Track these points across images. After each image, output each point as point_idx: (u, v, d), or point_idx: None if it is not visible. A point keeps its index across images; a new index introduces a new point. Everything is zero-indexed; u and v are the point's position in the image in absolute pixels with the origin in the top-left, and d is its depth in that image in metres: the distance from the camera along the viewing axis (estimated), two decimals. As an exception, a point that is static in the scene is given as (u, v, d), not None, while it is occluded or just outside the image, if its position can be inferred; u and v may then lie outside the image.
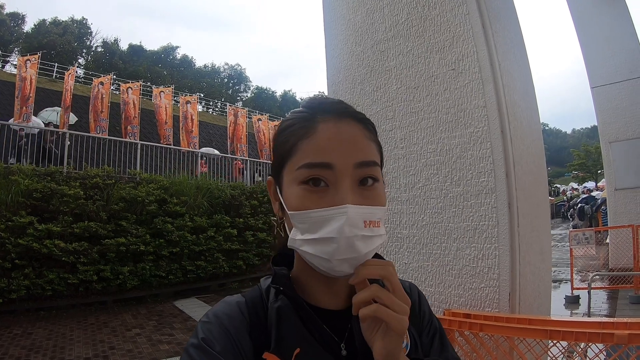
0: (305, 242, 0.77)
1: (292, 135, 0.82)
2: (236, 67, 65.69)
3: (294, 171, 0.79)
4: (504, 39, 2.29)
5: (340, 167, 0.76)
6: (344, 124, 0.80)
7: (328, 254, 0.74)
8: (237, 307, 0.83)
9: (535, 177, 2.33)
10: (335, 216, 0.74)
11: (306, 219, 0.76)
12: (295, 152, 0.80)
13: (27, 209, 9.27)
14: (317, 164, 0.77)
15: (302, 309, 0.81)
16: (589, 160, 43.86)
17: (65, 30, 44.75)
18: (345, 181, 0.76)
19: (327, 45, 2.93)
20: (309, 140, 0.79)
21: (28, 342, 7.23)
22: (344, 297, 0.88)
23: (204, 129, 21.57)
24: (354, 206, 0.74)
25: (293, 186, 0.79)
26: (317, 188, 0.77)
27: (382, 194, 0.82)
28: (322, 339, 0.80)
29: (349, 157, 0.77)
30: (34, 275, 9.05)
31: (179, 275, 11.21)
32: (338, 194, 0.75)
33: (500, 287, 2.02)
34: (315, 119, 0.81)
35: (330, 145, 0.78)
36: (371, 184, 0.79)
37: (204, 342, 0.75)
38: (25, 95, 13.16)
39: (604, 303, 7.47)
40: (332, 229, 0.73)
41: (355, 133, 0.81)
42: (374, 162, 0.81)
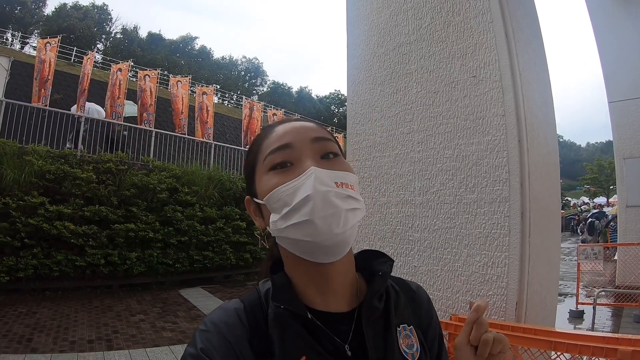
0: (284, 217, 0.77)
1: (256, 142, 0.91)
2: (254, 60, 65.91)
3: (262, 165, 0.85)
4: (525, 48, 2.29)
5: (298, 143, 0.83)
6: (299, 122, 0.90)
7: (308, 214, 0.74)
8: (236, 314, 0.82)
9: (549, 189, 2.33)
10: (304, 181, 0.77)
11: (279, 195, 0.79)
12: (259, 152, 0.88)
13: (40, 189, 9.34)
14: (278, 147, 0.83)
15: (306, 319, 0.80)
16: (601, 175, 43.52)
17: (86, 15, 45.12)
18: (307, 156, 0.82)
19: (349, 45, 2.94)
20: (270, 137, 0.87)
21: (32, 321, 7.28)
22: (344, 298, 0.86)
23: (219, 120, 21.61)
24: (319, 168, 0.79)
25: (264, 178, 0.84)
26: (284, 169, 0.82)
27: (348, 165, 0.87)
28: (327, 344, 0.79)
29: (304, 135, 0.85)
30: (42, 255, 9.12)
31: (186, 264, 11.25)
32: (302, 165, 0.81)
33: (508, 295, 2.03)
34: (274, 124, 0.91)
35: (286, 131, 0.86)
36: (333, 158, 0.85)
37: (202, 353, 0.74)
38: (44, 77, 13.26)
39: (608, 320, 7.43)
40: (304, 190, 0.76)
41: (308, 123, 0.91)
42: (329, 138, 0.87)
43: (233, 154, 15.59)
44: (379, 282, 0.88)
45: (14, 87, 15.54)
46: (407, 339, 0.87)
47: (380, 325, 0.85)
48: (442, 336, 1.00)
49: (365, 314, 0.83)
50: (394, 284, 0.97)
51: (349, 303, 0.86)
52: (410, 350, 0.85)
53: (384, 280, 0.89)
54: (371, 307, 0.85)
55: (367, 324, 0.83)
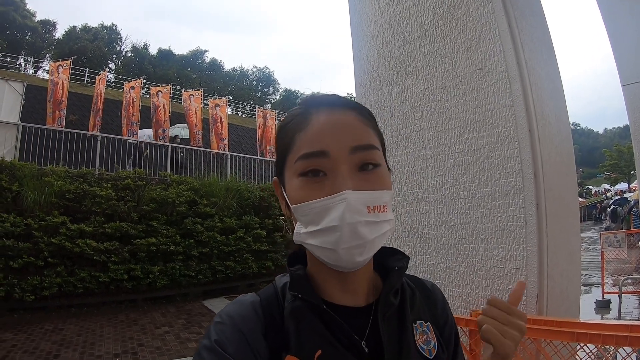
0: (309, 234, 0.77)
1: (289, 130, 0.83)
2: (264, 69, 66.02)
3: (293, 165, 0.80)
4: (530, 37, 2.27)
5: (336, 153, 0.76)
6: (337, 112, 0.80)
7: (332, 243, 0.74)
8: (252, 307, 0.82)
9: (565, 177, 2.30)
10: (335, 204, 0.73)
11: (307, 210, 0.76)
12: (292, 146, 0.80)
13: (60, 209, 9.48)
14: (312, 154, 0.76)
15: (322, 310, 0.79)
16: (621, 161, 42.83)
17: (96, 36, 45.68)
18: (342, 167, 0.76)
19: (354, 47, 2.95)
20: (304, 132, 0.79)
21: (59, 337, 7.39)
22: (361, 294, 0.86)
23: (234, 131, 21.73)
24: (354, 191, 0.74)
25: (293, 180, 0.79)
26: (316, 178, 0.77)
27: (385, 178, 0.81)
28: (344, 339, 0.78)
29: (343, 142, 0.77)
30: (66, 273, 9.24)
31: (208, 275, 11.30)
32: (336, 181, 0.75)
33: (528, 288, 2.00)
34: (309, 111, 0.81)
35: (323, 133, 0.77)
36: (371, 169, 0.79)
37: (216, 344, 0.74)
38: (58, 99, 13.49)
39: (635, 308, 7.32)
40: (333, 217, 0.73)
41: (348, 119, 0.80)
42: (371, 146, 0.80)
43: (249, 164, 15.67)
44: (395, 278, 0.87)
45: (30, 110, 15.79)
46: (424, 335, 0.87)
47: (395, 321, 0.85)
48: (457, 335, 0.99)
49: (382, 309, 0.83)
50: (409, 281, 0.96)
51: (365, 299, 0.86)
52: (427, 347, 0.85)
53: (399, 276, 0.89)
54: (387, 302, 0.85)
55: (383, 319, 0.82)
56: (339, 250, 0.74)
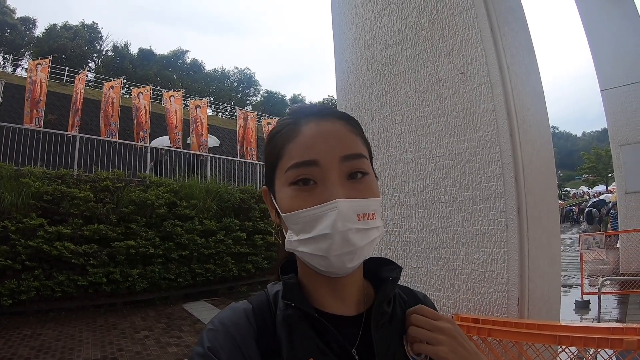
0: (301, 242, 0.78)
1: (278, 140, 0.83)
2: (245, 71, 65.79)
3: (283, 174, 0.80)
4: (512, 42, 2.28)
5: (326, 162, 0.77)
6: (326, 122, 0.81)
7: (324, 250, 0.75)
8: (244, 314, 0.82)
9: (545, 181, 2.32)
10: (326, 212, 0.74)
11: (299, 219, 0.77)
12: (282, 155, 0.81)
13: (38, 211, 9.33)
14: (303, 163, 0.77)
15: (314, 319, 0.80)
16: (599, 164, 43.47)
17: (76, 35, 45.06)
18: (333, 176, 0.77)
19: (336, 49, 2.94)
20: (294, 141, 0.80)
21: (37, 342, 7.27)
22: (351, 301, 0.87)
23: (214, 132, 21.62)
24: (345, 200, 0.75)
25: (284, 189, 0.80)
26: (307, 187, 0.78)
27: (374, 185, 0.82)
28: (335, 347, 0.79)
29: (333, 151, 0.78)
30: (44, 276, 9.10)
31: (188, 278, 11.23)
32: (327, 190, 0.76)
33: (509, 291, 2.01)
34: (299, 121, 0.82)
35: (313, 143, 0.78)
36: (360, 177, 0.80)
37: (209, 352, 0.74)
38: (35, 98, 13.30)
39: (614, 308, 7.41)
40: (325, 225, 0.74)
41: (337, 128, 0.81)
42: (360, 155, 0.81)
43: (230, 166, 15.61)
44: (389, 288, 0.89)
45: (8, 109, 15.55)
46: None
47: (387, 330, 0.86)
48: None
49: (374, 318, 0.84)
50: (401, 292, 0.97)
51: (355, 307, 0.87)
52: (419, 357, 0.85)
53: (393, 286, 0.90)
54: (381, 311, 0.86)
55: (376, 328, 0.83)
56: (330, 257, 0.75)
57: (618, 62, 9.34)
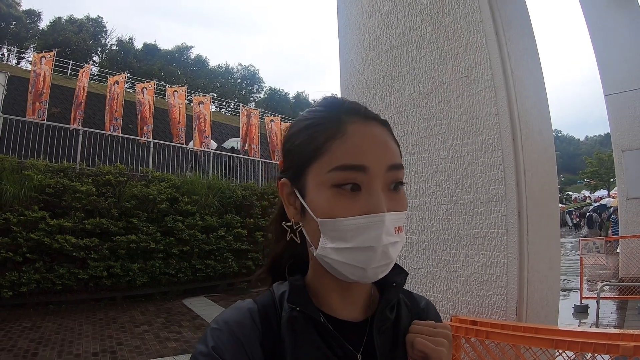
0: (337, 250, 0.74)
1: (318, 135, 0.77)
2: (250, 67, 65.81)
3: (323, 174, 0.75)
4: (517, 46, 2.29)
5: (374, 169, 0.74)
6: (372, 126, 0.78)
7: (363, 262, 0.73)
8: (249, 314, 0.80)
9: (546, 186, 2.33)
10: (372, 224, 0.72)
11: (339, 226, 0.73)
12: (323, 153, 0.76)
13: (40, 204, 9.37)
14: (353, 166, 0.73)
15: (319, 323, 0.78)
16: (601, 168, 43.43)
17: (81, 28, 45.11)
18: (378, 185, 0.74)
19: (341, 49, 2.94)
20: (341, 141, 0.75)
21: (37, 335, 7.29)
22: (359, 306, 0.86)
23: (217, 129, 21.66)
24: (390, 213, 0.73)
25: (322, 190, 0.75)
26: (352, 192, 0.74)
27: (405, 197, 0.81)
28: (339, 352, 0.78)
29: (382, 159, 0.75)
30: (45, 269, 9.15)
31: (189, 273, 11.25)
32: (372, 199, 0.73)
33: (508, 295, 2.02)
34: (341, 119, 0.78)
35: (363, 147, 0.74)
36: (399, 188, 0.78)
37: (213, 351, 0.72)
38: (39, 90, 13.32)
39: (613, 313, 7.41)
40: (369, 237, 0.72)
41: (384, 134, 0.79)
42: (401, 165, 0.79)
43: (232, 162, 15.61)
44: (393, 293, 0.87)
45: (12, 102, 15.57)
46: None
47: (390, 336, 0.85)
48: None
49: (377, 323, 0.83)
50: (405, 298, 0.96)
51: (362, 312, 0.86)
52: None
53: (397, 292, 0.89)
54: (383, 317, 0.85)
55: (378, 334, 0.82)
56: (368, 269, 0.74)
57: (623, 67, 9.31)
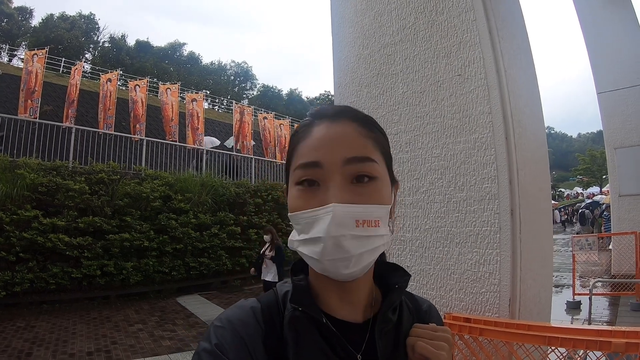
0: (301, 242, 0.78)
1: (294, 141, 0.85)
2: (243, 64, 65.68)
3: (292, 174, 0.81)
4: (510, 45, 2.30)
5: (328, 164, 0.76)
6: (337, 124, 0.80)
7: (317, 254, 0.74)
8: (252, 312, 0.81)
9: (539, 184, 2.34)
10: (322, 216, 0.74)
11: (299, 219, 0.78)
12: (294, 155, 0.82)
13: (33, 202, 9.32)
14: (307, 164, 0.77)
15: (321, 323, 0.79)
16: (594, 165, 43.66)
17: (73, 25, 44.81)
18: (335, 179, 0.76)
19: (335, 48, 2.94)
20: (304, 142, 0.81)
21: (31, 335, 7.27)
22: (359, 307, 0.86)
23: (210, 126, 21.59)
24: (342, 205, 0.73)
25: (292, 188, 0.81)
26: (311, 188, 0.77)
27: (382, 191, 0.80)
28: (341, 352, 0.78)
29: (337, 153, 0.77)
30: (38, 268, 9.11)
31: (182, 271, 11.24)
32: (327, 193, 0.75)
33: (501, 292, 2.03)
34: (314, 123, 0.82)
35: (319, 144, 0.78)
36: (367, 181, 0.78)
37: (217, 348, 0.73)
38: (30, 88, 13.20)
39: (605, 309, 7.47)
40: (319, 228, 0.74)
41: (346, 131, 0.80)
42: (366, 158, 0.78)
43: (225, 160, 15.58)
44: (395, 296, 0.88)
45: (3, 100, 15.46)
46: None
47: (392, 338, 0.86)
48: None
49: (379, 325, 0.83)
50: (407, 301, 0.97)
51: (364, 314, 0.86)
52: None
53: (399, 294, 0.89)
54: (385, 319, 0.85)
55: (380, 336, 0.83)
56: (323, 261, 0.74)
57: (615, 66, 9.38)
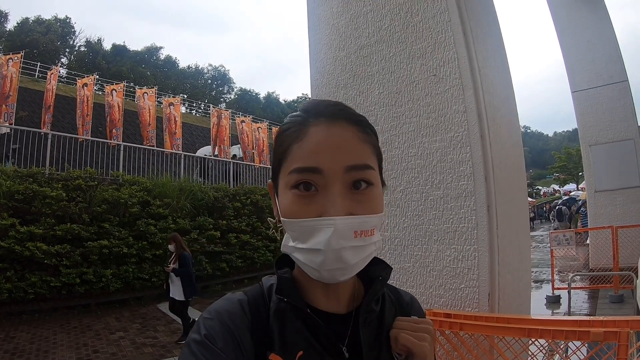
0: (296, 249, 0.77)
1: (286, 139, 0.80)
2: (220, 68, 65.48)
3: (286, 175, 0.78)
4: (484, 45, 2.34)
5: (329, 171, 0.74)
6: (336, 127, 0.78)
7: (316, 264, 0.74)
8: (239, 304, 0.82)
9: (515, 180, 2.39)
10: (322, 227, 0.72)
11: (296, 226, 0.76)
12: (287, 156, 0.79)
13: (9, 210, 9.12)
14: (306, 169, 0.75)
15: (306, 314, 0.80)
16: (570, 163, 44.38)
17: (49, 29, 44.18)
18: (335, 186, 0.74)
19: (311, 49, 2.95)
20: (300, 144, 0.77)
21: (11, 346, 7.14)
22: (344, 301, 0.87)
23: (188, 130, 21.48)
24: (343, 218, 0.72)
25: (286, 191, 0.78)
26: (307, 193, 0.75)
27: (377, 198, 0.79)
28: (325, 343, 0.79)
29: (339, 160, 0.75)
30: (16, 278, 8.91)
31: (163, 277, 11.07)
32: (327, 200, 0.74)
33: (480, 287, 2.07)
34: (308, 122, 0.79)
35: (319, 149, 0.75)
36: (364, 188, 0.77)
37: (206, 339, 0.74)
38: (5, 93, 12.94)
39: (585, 302, 7.60)
40: (319, 240, 0.73)
41: (347, 136, 0.77)
42: (366, 165, 0.77)
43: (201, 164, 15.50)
44: (378, 287, 0.88)
45: (-23, 107, 15.15)
46: None
47: (375, 328, 0.87)
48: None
49: (362, 315, 0.84)
50: (390, 293, 0.98)
51: (347, 306, 0.87)
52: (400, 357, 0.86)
53: (382, 285, 0.90)
54: (369, 309, 0.86)
55: (364, 326, 0.83)
56: (321, 271, 0.74)
57: (589, 64, 9.56)
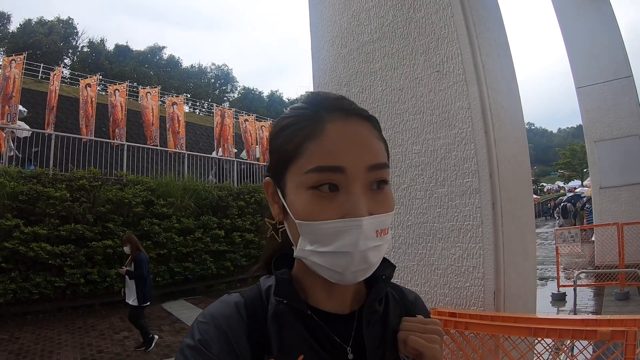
0: (316, 253, 0.73)
1: (297, 135, 0.76)
2: (223, 67, 65.44)
3: (300, 175, 0.73)
4: (488, 40, 2.31)
5: (352, 170, 0.71)
6: (353, 124, 0.75)
7: (341, 267, 0.72)
8: (235, 307, 0.79)
9: (520, 177, 2.36)
10: (350, 229, 0.70)
11: (316, 230, 0.72)
12: (301, 153, 0.74)
13: (13, 211, 9.15)
14: (328, 168, 0.71)
15: (306, 316, 0.78)
16: (574, 159, 44.15)
17: (51, 30, 44.29)
18: (357, 186, 0.72)
19: (313, 47, 2.93)
20: (318, 141, 0.73)
21: (15, 346, 7.16)
22: (347, 301, 0.85)
23: (191, 129, 21.50)
24: (369, 218, 0.71)
25: (300, 191, 0.74)
26: (328, 193, 0.72)
27: (391, 197, 0.78)
28: (327, 345, 0.78)
29: (361, 159, 0.72)
30: (21, 278, 8.94)
31: (167, 277, 11.15)
32: (350, 200, 0.71)
33: (485, 286, 2.04)
34: (321, 117, 0.75)
35: (341, 147, 0.72)
36: (382, 188, 0.76)
37: (200, 344, 0.72)
38: (8, 94, 12.97)
39: (590, 300, 7.57)
40: (346, 242, 0.70)
41: (365, 133, 0.76)
42: (384, 164, 0.76)
43: (207, 163, 15.50)
44: (381, 286, 0.86)
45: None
46: None
47: (379, 328, 0.85)
48: None
49: (366, 316, 0.82)
50: (394, 292, 0.96)
51: (349, 306, 0.85)
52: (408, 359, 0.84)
53: (385, 285, 0.88)
54: (372, 309, 0.84)
55: (367, 327, 0.82)
56: (346, 273, 0.72)
57: (593, 60, 9.51)
